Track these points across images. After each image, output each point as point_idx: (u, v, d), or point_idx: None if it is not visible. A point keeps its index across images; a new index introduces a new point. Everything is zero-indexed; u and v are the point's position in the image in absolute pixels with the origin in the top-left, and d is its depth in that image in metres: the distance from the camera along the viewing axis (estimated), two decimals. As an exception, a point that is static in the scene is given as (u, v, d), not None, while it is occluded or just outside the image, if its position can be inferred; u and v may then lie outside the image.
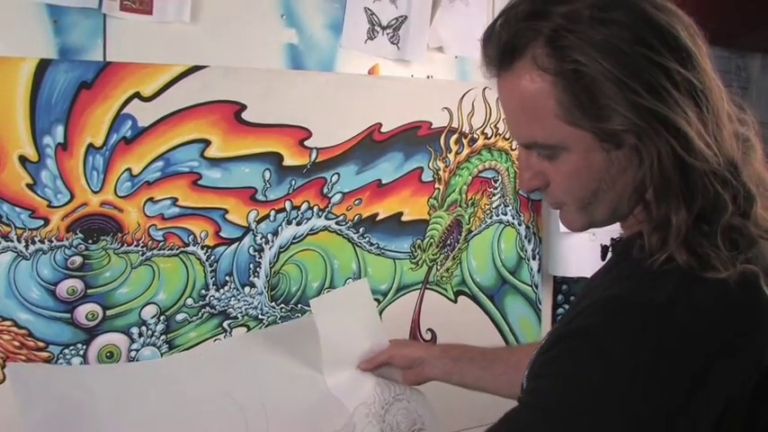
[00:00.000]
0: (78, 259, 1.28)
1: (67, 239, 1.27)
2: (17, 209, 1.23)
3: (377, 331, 1.21)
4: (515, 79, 0.81)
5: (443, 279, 1.60)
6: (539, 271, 1.74)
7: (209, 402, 1.04)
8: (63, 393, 0.97)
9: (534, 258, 1.73)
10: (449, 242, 1.60)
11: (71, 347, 1.28)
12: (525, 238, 1.72)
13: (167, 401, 1.02)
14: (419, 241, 1.57)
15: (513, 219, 1.70)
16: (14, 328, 1.26)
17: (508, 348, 1.59)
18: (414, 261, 1.56)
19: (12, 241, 1.24)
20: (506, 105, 0.85)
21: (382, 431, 1.13)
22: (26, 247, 1.25)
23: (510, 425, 0.77)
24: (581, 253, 1.67)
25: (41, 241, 1.25)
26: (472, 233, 1.64)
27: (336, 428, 1.10)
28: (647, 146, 0.77)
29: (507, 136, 1.69)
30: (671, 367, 0.71)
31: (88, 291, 1.29)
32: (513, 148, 1.69)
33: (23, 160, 1.23)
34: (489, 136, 1.66)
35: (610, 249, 0.90)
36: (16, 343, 1.26)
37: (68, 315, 1.28)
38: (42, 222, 1.25)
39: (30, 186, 1.24)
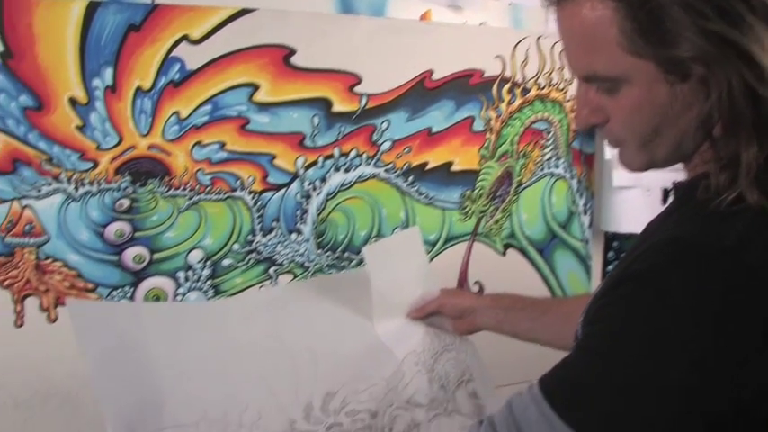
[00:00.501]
0: (126, 202, 1.28)
1: (116, 182, 1.27)
2: (67, 151, 1.23)
3: (428, 280, 1.18)
4: (575, 7, 0.76)
5: (492, 231, 1.57)
6: (590, 226, 1.70)
7: (258, 347, 1.03)
8: (120, 330, 0.97)
9: (585, 213, 1.69)
10: (499, 194, 1.57)
11: (119, 290, 1.29)
12: (577, 192, 1.67)
13: (218, 344, 1.01)
14: (469, 192, 1.53)
15: (565, 172, 1.65)
16: (65, 269, 1.27)
17: (560, 299, 1.56)
18: (463, 212, 1.53)
19: (62, 183, 1.24)
20: (565, 36, 0.80)
21: (431, 381, 1.11)
22: (75, 189, 1.25)
23: (565, 371, 0.74)
24: (634, 208, 1.62)
25: (90, 183, 1.26)
26: (523, 185, 1.60)
27: (385, 376, 1.08)
28: (716, 75, 0.71)
29: (561, 87, 1.64)
30: (741, 313, 0.67)
31: (136, 234, 1.29)
32: (567, 99, 1.64)
33: (73, 102, 1.22)
34: (543, 86, 1.61)
35: (671, 193, 0.84)
36: (67, 284, 1.27)
37: (116, 258, 1.29)
38: (91, 165, 1.25)
39: (79, 129, 1.23)
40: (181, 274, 1.33)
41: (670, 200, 0.85)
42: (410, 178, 1.47)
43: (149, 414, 0.92)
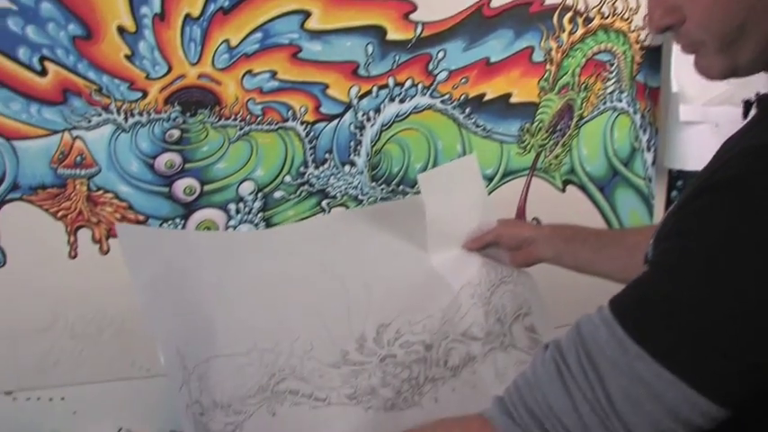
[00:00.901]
0: (176, 132, 1.25)
1: (165, 112, 1.24)
2: (116, 80, 1.20)
3: (485, 209, 1.14)
4: None
5: (552, 166, 1.51)
6: (653, 164, 1.63)
7: (310, 277, 1.01)
8: (170, 257, 0.95)
9: (649, 150, 1.61)
10: (559, 128, 1.50)
11: (169, 222, 1.27)
12: (640, 127, 1.59)
13: (268, 274, 0.99)
14: (528, 125, 1.47)
15: (629, 106, 1.57)
16: (116, 201, 1.26)
17: (624, 230, 1.49)
18: (521, 146, 1.47)
19: (111, 113, 1.22)
20: None
21: (487, 313, 1.07)
22: (125, 119, 1.23)
23: (637, 290, 0.67)
24: (701, 145, 1.54)
25: (140, 114, 1.23)
26: (584, 119, 1.53)
27: (441, 307, 1.05)
28: None
29: (626, 16, 1.55)
30: None
31: (186, 165, 1.27)
32: (632, 29, 1.56)
33: (121, 31, 1.19)
34: (606, 15, 1.53)
35: (754, 105, 0.76)
36: (118, 215, 1.26)
37: (167, 189, 1.27)
38: (141, 94, 1.22)
39: (128, 57, 1.20)
40: (232, 207, 1.30)
41: (752, 113, 0.77)
42: (467, 110, 1.41)
43: (199, 341, 0.90)
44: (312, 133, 1.32)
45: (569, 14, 1.48)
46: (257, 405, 0.90)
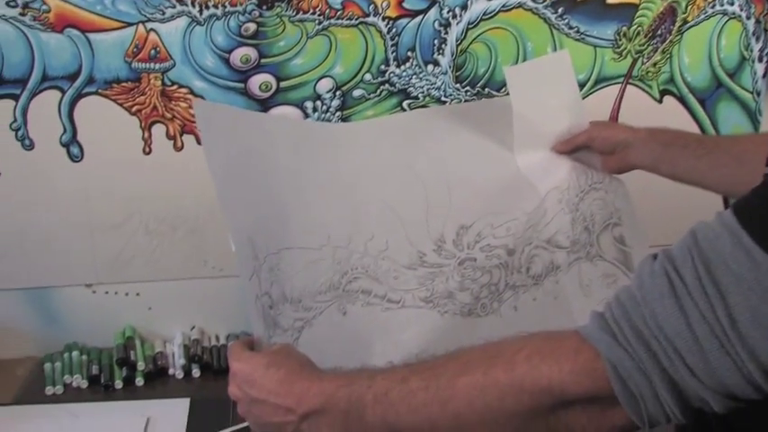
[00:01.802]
0: (252, 26, 1.20)
1: (241, 5, 1.19)
2: (191, -30, 1.16)
3: (577, 110, 1.04)
4: None
5: (649, 75, 1.40)
6: (764, 76, 1.49)
7: (388, 174, 0.94)
8: (247, 139, 0.89)
9: (761, 60, 1.48)
10: (659, 32, 1.39)
11: (245, 119, 1.24)
12: (753, 34, 1.45)
13: (345, 168, 0.93)
14: (625, 28, 1.36)
15: (741, 10, 1.44)
16: (190, 96, 1.23)
17: (732, 136, 1.37)
18: (617, 51, 1.37)
19: (186, 5, 1.19)
20: None
21: (574, 221, 0.99)
22: (200, 12, 1.19)
23: (765, 194, 0.55)
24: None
25: (215, 6, 1.19)
26: (688, 24, 1.40)
27: (526, 211, 0.97)
28: None
29: None
30: None
31: (262, 60, 1.22)
32: None
33: None
34: None
35: None
36: (192, 111, 1.23)
37: (242, 85, 1.23)
38: (216, -15, 1.17)
39: (203, -55, 1.15)
40: (309, 104, 1.26)
41: None
42: (560, 9, 1.31)
43: (272, 230, 0.86)
44: (394, 30, 1.25)
45: None
46: (328, 303, 0.86)
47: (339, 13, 1.22)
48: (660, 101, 1.42)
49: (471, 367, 0.60)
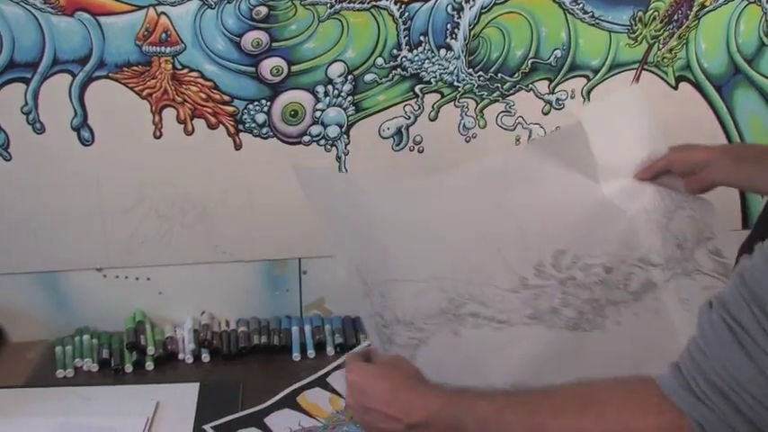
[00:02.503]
0: (263, 10, 1.19)
1: (252, -12, 1.18)
2: (201, -48, 1.15)
3: (655, 138, 1.08)
4: None
5: (665, 61, 1.38)
6: (782, 62, 1.47)
7: (483, 213, 1.00)
8: (342, 193, 0.99)
9: (779, 46, 1.46)
10: (676, 18, 1.36)
11: (255, 103, 1.23)
12: (771, 20, 1.44)
13: (441, 210, 0.99)
14: (641, 13, 1.34)
15: (760, -5, 1.42)
16: (201, 80, 1.22)
17: None
18: (632, 36, 1.34)
19: (197, -12, 1.18)
20: None
21: (665, 239, 1.02)
22: (211, -6, 1.18)
23: None
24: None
25: (226, -11, 1.18)
26: (705, 9, 1.38)
27: (617, 232, 1.01)
28: None
29: None
30: None
31: (273, 44, 1.21)
32: None
33: None
34: None
35: None
36: (203, 95, 1.22)
37: (253, 69, 1.22)
38: (227, -32, 1.16)
39: (215, -73, 1.14)
40: (320, 89, 1.24)
41: None
42: (575, -7, 1.30)
43: (377, 266, 0.92)
44: (406, 14, 1.23)
45: None
46: (439, 325, 0.91)
47: (351, -4, 1.21)
48: (676, 87, 1.40)
49: (564, 411, 0.65)
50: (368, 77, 1.26)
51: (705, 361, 0.57)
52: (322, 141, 1.28)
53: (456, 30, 1.25)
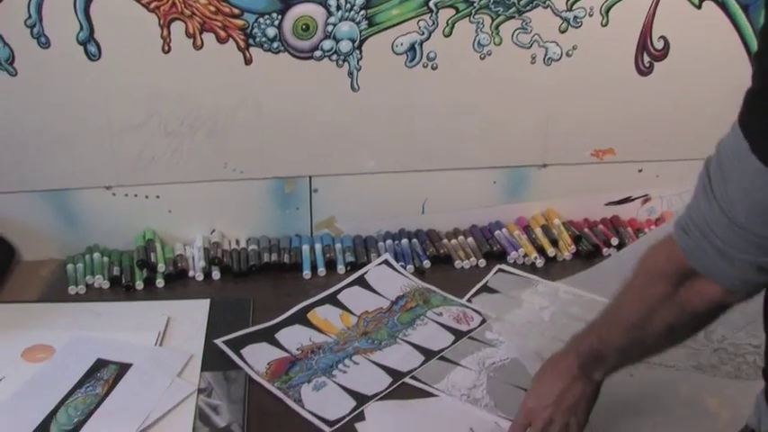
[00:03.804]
0: None
1: None
2: None
3: None
4: None
5: (689, -22, 1.34)
6: (811, -20, 1.41)
7: None
8: None
9: (809, -37, 1.40)
10: (702, -68, 1.31)
11: (266, 16, 1.20)
12: (802, -66, 1.37)
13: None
14: (665, -75, 1.29)
15: None
16: (210, -8, 1.19)
17: None
18: (656, -49, 1.30)
19: None
20: None
21: None
22: None
23: None
24: None
25: None
26: (733, -77, 1.33)
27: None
28: None
29: None
30: None
31: (284, -46, 1.17)
32: None
33: None
34: None
35: None
36: (212, 8, 1.19)
37: (264, -20, 1.18)
38: None
39: None
40: (332, 2, 1.20)
41: None
42: None
43: None
44: None
45: None
46: None
47: None
48: (699, 6, 1.35)
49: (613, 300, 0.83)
50: (382, -10, 1.22)
51: (691, 206, 0.71)
52: (334, 57, 1.25)
53: (471, -60, 1.21)
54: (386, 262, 1.32)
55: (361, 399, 1.00)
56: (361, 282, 1.28)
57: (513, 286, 1.29)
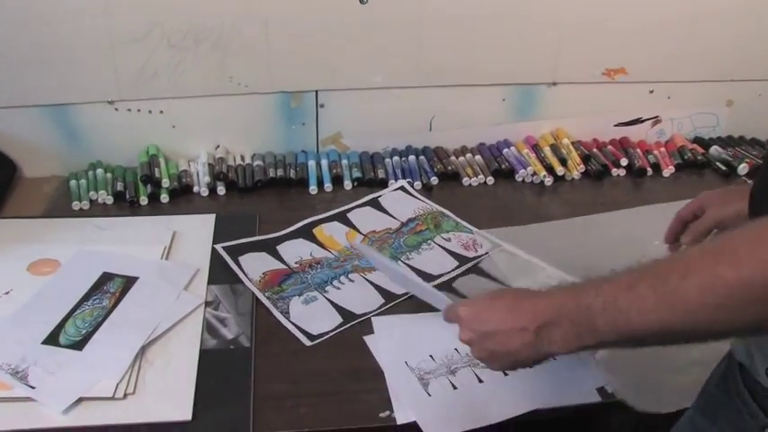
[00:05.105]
0: None
1: None
2: None
3: None
4: None
5: None
6: None
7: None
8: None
9: None
10: None
11: None
12: None
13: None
14: None
15: None
16: None
17: None
18: None
19: None
20: None
21: None
22: None
23: None
24: None
25: None
26: None
27: None
28: None
29: None
30: None
31: None
32: None
33: None
34: None
35: None
36: None
37: None
38: None
39: None
40: None
41: None
42: None
43: None
44: None
45: None
46: None
47: None
48: None
49: (696, 268, 0.59)
50: None
51: None
52: (341, -33, 1.21)
53: None
54: (402, 188, 1.30)
55: (350, 316, 0.99)
56: (375, 204, 1.26)
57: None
